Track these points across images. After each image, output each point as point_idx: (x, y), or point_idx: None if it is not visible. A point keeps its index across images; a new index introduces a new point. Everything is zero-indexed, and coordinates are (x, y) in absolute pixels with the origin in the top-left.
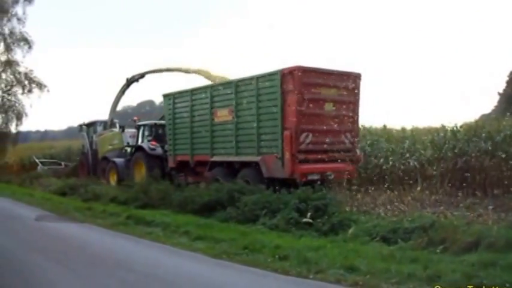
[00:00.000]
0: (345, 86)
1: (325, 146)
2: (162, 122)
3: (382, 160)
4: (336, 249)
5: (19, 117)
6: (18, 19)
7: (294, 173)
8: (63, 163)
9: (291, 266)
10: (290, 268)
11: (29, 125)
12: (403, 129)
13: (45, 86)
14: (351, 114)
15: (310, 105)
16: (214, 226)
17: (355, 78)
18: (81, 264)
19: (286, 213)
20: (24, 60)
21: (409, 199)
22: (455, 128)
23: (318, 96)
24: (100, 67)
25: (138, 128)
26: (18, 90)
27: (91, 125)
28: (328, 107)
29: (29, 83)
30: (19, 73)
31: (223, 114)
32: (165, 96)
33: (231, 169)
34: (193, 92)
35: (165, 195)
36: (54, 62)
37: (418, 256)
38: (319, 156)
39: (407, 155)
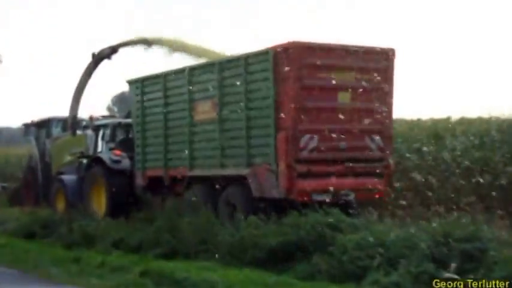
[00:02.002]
0: (369, 67)
1: (339, 153)
2: (130, 120)
3: None
4: None
5: None
6: None
7: (291, 190)
8: None
9: None
10: None
11: None
12: None
13: None
14: (379, 107)
15: (316, 95)
16: (292, 287)
17: (386, 55)
18: None
19: (413, 264)
20: None
21: None
22: None
23: (328, 82)
24: (81, 36)
25: (95, 130)
26: None
27: (43, 124)
28: (344, 97)
29: None
30: None
31: (205, 110)
32: (131, 83)
33: (217, 188)
34: (167, 76)
35: (206, 235)
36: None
37: None
38: (331, 168)
39: None
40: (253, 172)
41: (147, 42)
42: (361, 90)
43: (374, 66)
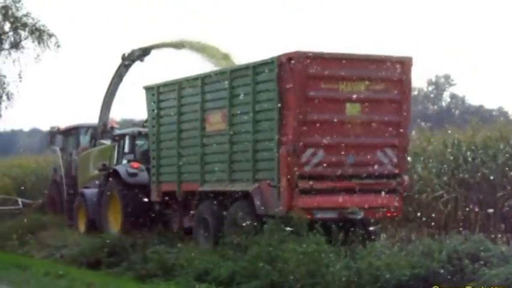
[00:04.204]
0: (381, 77)
1: (346, 168)
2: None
3: None
4: None
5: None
6: None
7: (292, 207)
8: (20, 201)
9: None
10: None
11: None
12: None
13: (51, 36)
14: (393, 119)
15: (321, 107)
16: None
17: (401, 65)
18: None
19: None
20: None
21: None
22: None
23: (334, 94)
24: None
25: (117, 140)
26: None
27: (70, 133)
28: (353, 109)
29: (15, 27)
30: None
31: (216, 121)
32: (147, 89)
33: (225, 204)
34: (181, 84)
35: (315, 266)
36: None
37: None
38: (337, 185)
39: None
40: (259, 188)
41: (180, 45)
42: (372, 101)
43: (387, 76)
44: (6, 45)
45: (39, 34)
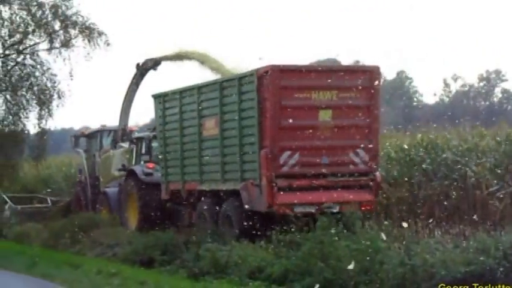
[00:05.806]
0: (351, 86)
1: (321, 168)
2: None
3: None
4: None
5: (49, 99)
6: None
7: (272, 203)
8: (49, 199)
9: None
10: None
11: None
12: None
13: (101, 34)
14: (363, 123)
15: (295, 114)
16: None
17: (370, 74)
18: None
19: None
20: None
21: None
22: None
23: (307, 102)
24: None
25: (135, 142)
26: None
27: (93, 135)
28: (325, 115)
29: (65, 25)
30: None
31: (210, 126)
32: (155, 97)
33: (219, 201)
34: (182, 93)
35: (369, 263)
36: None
37: None
38: (313, 183)
39: None
40: (245, 186)
41: (186, 58)
42: (343, 107)
43: (357, 85)
44: (57, 44)
45: (89, 32)
